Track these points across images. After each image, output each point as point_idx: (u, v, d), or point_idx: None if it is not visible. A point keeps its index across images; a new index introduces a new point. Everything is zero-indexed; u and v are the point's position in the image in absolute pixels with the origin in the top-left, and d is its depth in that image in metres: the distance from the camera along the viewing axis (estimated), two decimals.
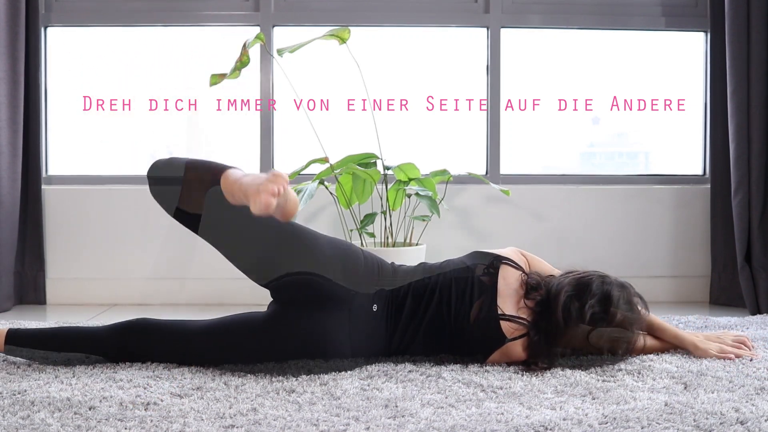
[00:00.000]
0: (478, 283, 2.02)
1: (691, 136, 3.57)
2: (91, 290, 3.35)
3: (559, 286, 1.97)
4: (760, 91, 3.10)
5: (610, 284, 1.98)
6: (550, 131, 3.60)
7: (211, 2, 3.45)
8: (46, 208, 3.35)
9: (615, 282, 2.00)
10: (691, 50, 3.55)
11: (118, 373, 1.91)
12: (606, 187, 3.45)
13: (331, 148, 3.05)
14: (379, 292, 2.01)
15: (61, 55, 3.49)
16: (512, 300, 1.99)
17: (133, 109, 3.54)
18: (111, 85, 3.52)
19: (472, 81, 3.51)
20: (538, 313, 1.96)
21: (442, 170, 3.10)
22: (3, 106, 3.12)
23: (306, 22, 3.45)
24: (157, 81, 3.54)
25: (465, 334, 1.99)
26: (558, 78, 3.58)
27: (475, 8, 3.46)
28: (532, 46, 3.55)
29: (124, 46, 3.53)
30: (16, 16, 3.16)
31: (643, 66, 3.59)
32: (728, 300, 3.27)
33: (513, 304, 1.99)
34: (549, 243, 3.41)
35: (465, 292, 2.01)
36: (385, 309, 2.01)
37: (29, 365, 2.01)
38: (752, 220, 3.12)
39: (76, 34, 3.51)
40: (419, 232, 3.24)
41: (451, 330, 2.01)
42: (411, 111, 3.53)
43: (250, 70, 3.10)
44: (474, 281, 2.02)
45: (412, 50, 3.56)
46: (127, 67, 3.53)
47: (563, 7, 3.47)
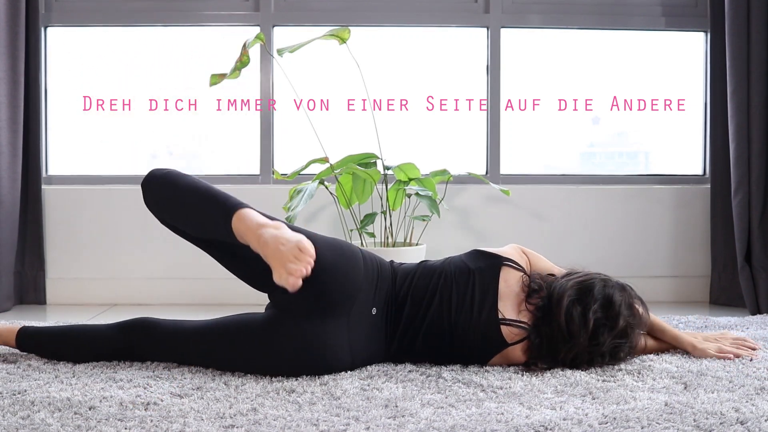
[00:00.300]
0: (479, 286, 1.99)
1: (691, 136, 3.57)
2: (91, 290, 3.35)
3: (561, 290, 1.94)
4: (760, 91, 3.10)
5: (612, 288, 1.96)
6: (550, 131, 3.60)
7: (211, 2, 3.45)
8: (46, 208, 3.35)
9: (617, 285, 1.98)
10: (691, 50, 3.55)
11: (118, 373, 1.91)
12: (606, 187, 3.45)
13: (331, 148, 3.05)
14: (379, 295, 1.98)
15: (61, 55, 3.49)
16: (513, 302, 1.97)
17: (133, 109, 3.54)
18: (111, 85, 3.52)
19: (472, 81, 3.51)
20: (540, 317, 1.94)
21: (442, 170, 3.10)
22: (3, 106, 3.12)
23: (306, 22, 3.46)
24: (157, 81, 3.53)
25: (465, 338, 1.97)
26: (558, 78, 3.58)
27: (475, 8, 3.46)
28: (532, 46, 3.55)
29: (124, 46, 3.53)
30: (16, 16, 3.16)
31: (643, 66, 3.58)
32: (728, 300, 3.27)
33: (514, 307, 1.97)
34: (549, 243, 3.40)
35: (466, 295, 1.98)
36: (384, 312, 1.99)
37: (29, 365, 2.01)
38: (752, 220, 3.12)
39: (76, 34, 3.51)
40: (419, 232, 3.24)
41: (450, 334, 1.97)
42: (411, 111, 3.53)
43: (250, 70, 3.10)
44: (475, 284, 1.99)
45: (412, 50, 3.56)
46: (127, 67, 3.53)
47: (563, 7, 3.47)
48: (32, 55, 3.27)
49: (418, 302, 1.99)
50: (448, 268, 2.04)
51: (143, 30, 3.51)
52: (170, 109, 3.53)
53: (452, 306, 1.97)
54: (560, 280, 1.99)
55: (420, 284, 2.02)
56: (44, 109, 3.39)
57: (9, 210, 3.15)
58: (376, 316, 1.97)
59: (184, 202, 1.91)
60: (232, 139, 3.57)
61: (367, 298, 1.95)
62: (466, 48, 3.53)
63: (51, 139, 3.48)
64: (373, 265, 2.01)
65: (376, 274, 2.00)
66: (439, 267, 2.06)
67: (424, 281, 2.02)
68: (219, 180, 3.46)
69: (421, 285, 2.01)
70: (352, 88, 3.31)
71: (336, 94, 3.48)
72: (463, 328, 1.96)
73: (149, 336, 2.01)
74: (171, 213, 1.97)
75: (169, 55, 3.54)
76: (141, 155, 3.62)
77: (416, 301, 2.00)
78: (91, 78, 3.53)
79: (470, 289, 1.99)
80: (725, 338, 2.15)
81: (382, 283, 1.99)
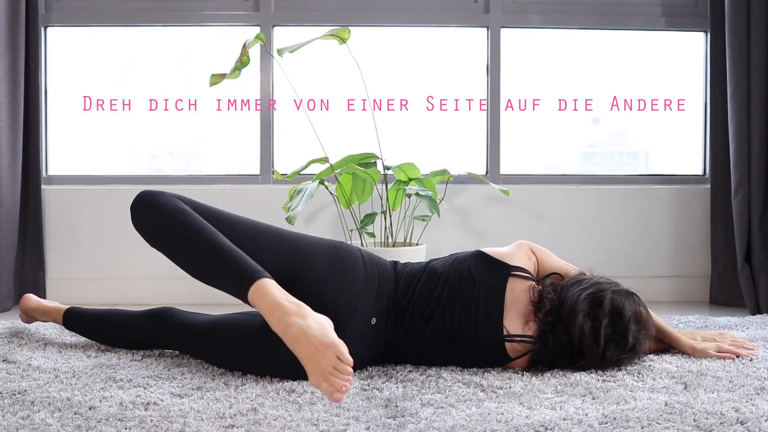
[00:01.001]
0: (485, 299, 1.93)
1: (691, 136, 3.57)
2: (91, 290, 3.35)
3: (572, 303, 1.87)
4: (760, 91, 3.10)
5: (622, 297, 1.91)
6: (550, 131, 3.60)
7: (211, 2, 3.45)
8: (46, 208, 3.35)
9: (625, 293, 1.93)
10: (691, 50, 3.55)
11: (118, 373, 1.91)
12: (606, 187, 3.45)
13: (331, 148, 3.05)
14: (379, 303, 1.93)
15: (61, 55, 3.49)
16: (519, 314, 1.92)
17: (133, 109, 3.54)
18: (111, 85, 3.52)
19: (472, 81, 3.51)
20: (548, 330, 1.89)
21: (442, 170, 3.10)
22: (3, 106, 3.12)
23: (306, 22, 3.45)
24: (157, 81, 3.53)
25: (466, 350, 1.94)
26: (558, 78, 3.58)
27: (475, 8, 3.46)
28: (532, 46, 3.55)
29: (124, 46, 3.53)
30: (16, 16, 3.16)
31: (643, 66, 3.58)
32: (728, 300, 3.27)
33: (520, 318, 1.92)
34: (549, 243, 3.38)
35: (470, 307, 1.93)
36: (384, 319, 1.95)
37: (29, 365, 2.01)
38: (752, 220, 3.12)
39: (76, 34, 3.51)
40: (419, 232, 3.24)
41: (451, 344, 1.94)
42: (411, 111, 3.53)
43: (250, 70, 3.10)
44: (480, 297, 1.93)
45: (412, 50, 3.56)
46: (127, 67, 3.53)
47: (563, 7, 3.47)
48: (32, 55, 3.27)
49: (419, 313, 1.95)
50: (453, 276, 1.98)
51: (143, 30, 3.51)
52: (170, 109, 3.53)
53: (455, 318, 1.93)
54: (571, 291, 1.91)
55: (423, 293, 1.97)
56: (44, 109, 3.39)
57: (9, 210, 3.15)
58: (376, 325, 1.94)
59: (185, 250, 1.78)
60: (232, 139, 3.57)
61: (367, 308, 1.90)
62: (466, 48, 3.53)
63: (51, 139, 3.48)
64: (374, 270, 1.96)
65: (377, 281, 1.95)
66: (444, 273, 1.99)
67: (428, 289, 1.97)
68: (219, 180, 3.46)
69: (425, 294, 1.96)
70: (352, 88, 3.31)
71: (336, 94, 3.48)
72: (465, 341, 1.93)
73: (165, 328, 2.10)
74: (168, 255, 1.83)
75: (169, 55, 3.54)
76: (141, 155, 3.62)
77: (418, 312, 1.95)
78: (91, 78, 3.53)
79: (475, 302, 1.93)
80: (724, 338, 2.15)
81: (384, 290, 1.95)
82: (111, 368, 1.98)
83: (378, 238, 3.18)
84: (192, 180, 3.45)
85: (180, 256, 1.80)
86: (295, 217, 2.79)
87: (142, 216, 1.83)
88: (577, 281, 1.95)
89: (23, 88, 3.22)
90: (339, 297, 1.85)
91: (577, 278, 1.97)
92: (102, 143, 3.57)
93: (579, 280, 1.95)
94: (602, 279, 1.96)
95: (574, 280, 1.96)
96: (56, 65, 3.48)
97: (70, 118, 3.52)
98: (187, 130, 3.61)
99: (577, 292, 1.90)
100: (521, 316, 1.92)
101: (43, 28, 3.40)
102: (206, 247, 1.75)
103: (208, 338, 2.00)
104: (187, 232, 1.77)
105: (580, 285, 1.93)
